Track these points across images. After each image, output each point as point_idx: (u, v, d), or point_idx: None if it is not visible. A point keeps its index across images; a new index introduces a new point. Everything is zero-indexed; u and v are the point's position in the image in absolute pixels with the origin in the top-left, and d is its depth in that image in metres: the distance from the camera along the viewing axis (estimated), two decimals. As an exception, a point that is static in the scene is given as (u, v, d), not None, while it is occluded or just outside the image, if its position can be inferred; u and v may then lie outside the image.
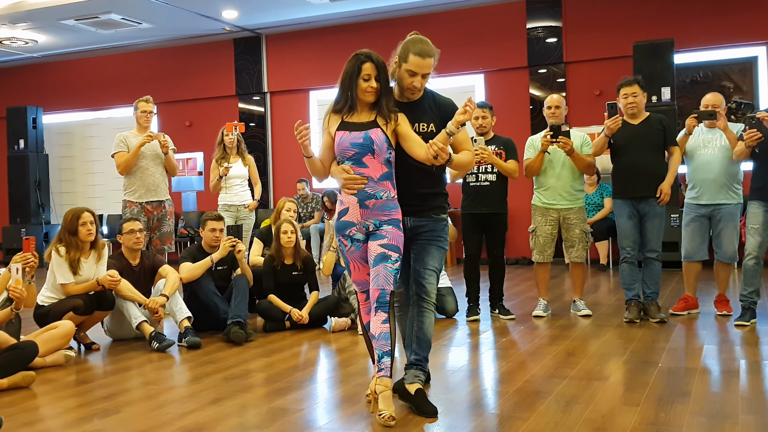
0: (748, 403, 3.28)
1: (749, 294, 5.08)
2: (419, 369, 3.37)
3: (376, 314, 3.20)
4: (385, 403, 3.13)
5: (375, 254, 3.23)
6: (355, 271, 3.37)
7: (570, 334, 4.97)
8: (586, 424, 3.04)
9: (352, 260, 3.34)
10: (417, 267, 3.41)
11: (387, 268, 3.20)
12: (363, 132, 3.23)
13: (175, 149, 6.34)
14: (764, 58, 8.81)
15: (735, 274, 7.25)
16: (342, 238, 3.31)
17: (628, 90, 5.28)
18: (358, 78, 3.22)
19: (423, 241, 3.40)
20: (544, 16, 9.70)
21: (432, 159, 3.14)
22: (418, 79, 3.30)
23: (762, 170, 5.02)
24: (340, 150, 3.26)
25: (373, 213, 3.24)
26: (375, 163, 3.23)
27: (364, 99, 3.25)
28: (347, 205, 3.27)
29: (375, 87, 3.22)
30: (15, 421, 3.34)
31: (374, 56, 3.25)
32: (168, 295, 5.04)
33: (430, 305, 3.39)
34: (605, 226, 8.56)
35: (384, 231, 3.24)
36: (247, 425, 3.20)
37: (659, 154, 5.28)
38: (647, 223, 5.26)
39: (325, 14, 10.14)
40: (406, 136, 3.27)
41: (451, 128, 3.18)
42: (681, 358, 4.20)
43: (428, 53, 3.26)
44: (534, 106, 9.68)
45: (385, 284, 3.19)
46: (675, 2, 9.09)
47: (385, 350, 3.19)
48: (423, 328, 3.37)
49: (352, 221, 3.27)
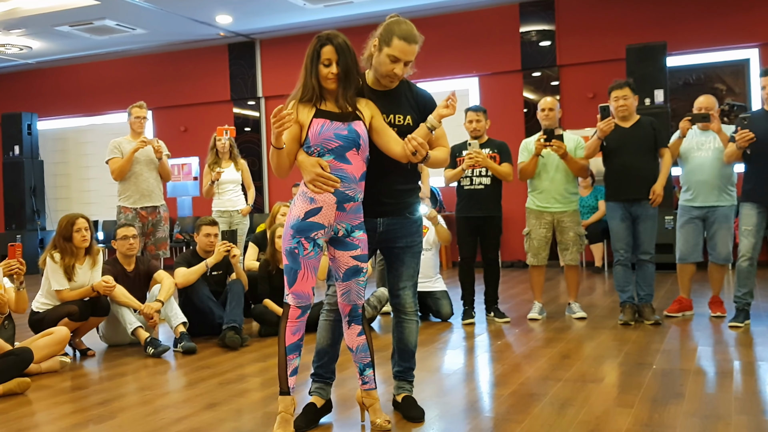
0: (741, 404, 3.29)
1: (743, 295, 5.09)
2: (403, 380, 3.33)
3: (350, 328, 3.08)
4: (376, 414, 3.09)
5: (346, 267, 2.99)
6: (303, 281, 2.92)
7: (565, 336, 4.97)
8: (581, 426, 3.04)
9: (306, 267, 2.91)
10: (391, 280, 3.21)
11: (358, 283, 3.02)
12: (346, 124, 2.91)
13: (169, 154, 6.34)
14: (756, 60, 8.85)
15: (729, 276, 7.28)
16: (304, 240, 2.89)
17: (619, 93, 5.30)
18: (318, 63, 2.93)
19: (397, 250, 3.16)
20: (538, 19, 9.73)
21: (410, 156, 2.91)
22: (400, 66, 2.98)
23: (754, 171, 5.04)
24: (321, 140, 2.89)
25: (348, 216, 2.95)
26: (358, 160, 2.93)
27: (326, 86, 2.94)
28: (321, 204, 2.88)
29: (335, 73, 2.90)
30: (10, 428, 3.33)
31: (336, 39, 2.93)
32: (163, 300, 5.03)
33: (409, 316, 3.26)
34: (600, 229, 8.58)
35: (356, 239, 2.98)
36: (243, 430, 3.20)
37: (651, 156, 5.30)
38: (640, 225, 5.28)
39: (319, 19, 10.15)
40: (379, 131, 2.99)
41: (432, 122, 2.97)
42: (675, 359, 4.21)
43: (414, 38, 2.97)
44: (528, 109, 9.71)
45: (357, 299, 3.05)
46: (667, 5, 9.13)
47: (366, 362, 3.11)
48: (403, 339, 3.28)
49: (322, 223, 2.90)
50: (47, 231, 11.80)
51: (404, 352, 3.31)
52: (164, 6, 9.35)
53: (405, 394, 3.30)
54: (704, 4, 8.99)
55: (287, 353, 3.02)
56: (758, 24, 8.75)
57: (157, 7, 9.37)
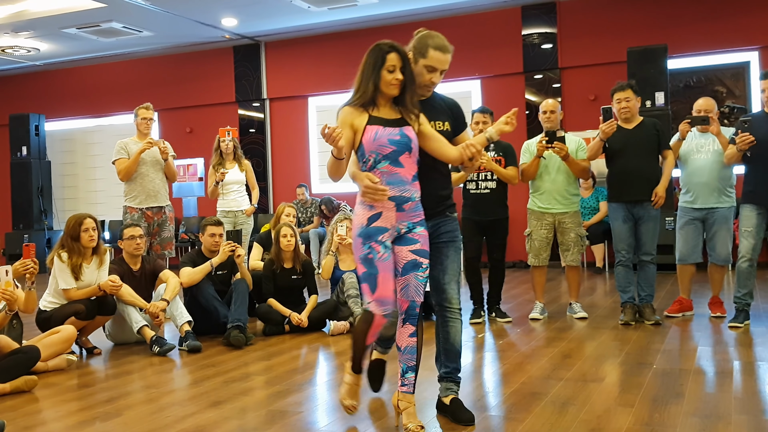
0: (741, 404, 3.29)
1: (743, 296, 5.08)
2: (451, 381, 3.25)
3: (403, 326, 3.01)
4: (410, 419, 3.00)
5: (405, 261, 2.97)
6: (383, 286, 2.90)
7: (566, 336, 4.97)
8: (582, 425, 3.04)
9: (384, 270, 2.91)
10: (436, 274, 3.15)
11: (417, 278, 2.98)
12: (398, 129, 2.96)
13: (174, 155, 6.34)
14: (756, 62, 8.83)
15: (729, 277, 7.27)
16: (374, 244, 2.91)
17: (622, 95, 5.29)
18: (382, 69, 2.93)
19: (441, 244, 3.14)
20: (540, 22, 9.73)
21: (466, 161, 2.99)
22: (437, 75, 3.10)
23: (754, 173, 5.03)
24: (376, 146, 2.92)
25: (408, 215, 2.97)
26: (410, 162, 2.97)
27: (388, 92, 2.96)
28: (380, 209, 2.92)
29: (400, 79, 2.93)
30: (17, 425, 3.33)
31: (399, 47, 2.97)
32: (168, 299, 5.04)
33: (454, 314, 3.18)
34: (601, 230, 8.57)
35: (416, 234, 2.99)
36: (247, 428, 3.20)
37: (653, 158, 5.29)
38: (642, 226, 5.27)
39: (323, 22, 10.15)
40: (432, 137, 3.05)
41: (492, 135, 3.09)
42: (675, 359, 4.21)
43: (447, 48, 3.09)
44: (530, 111, 9.70)
45: (415, 295, 2.99)
46: (668, 8, 9.12)
47: (410, 365, 3.03)
48: (449, 339, 3.19)
49: (385, 226, 2.92)
50: (54, 231, 11.82)
51: (450, 353, 3.23)
52: (170, 9, 9.36)
53: (452, 396, 3.21)
54: (705, 7, 8.98)
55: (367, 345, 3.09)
56: (758, 27, 8.74)
57: (164, 10, 9.38)
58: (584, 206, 8.80)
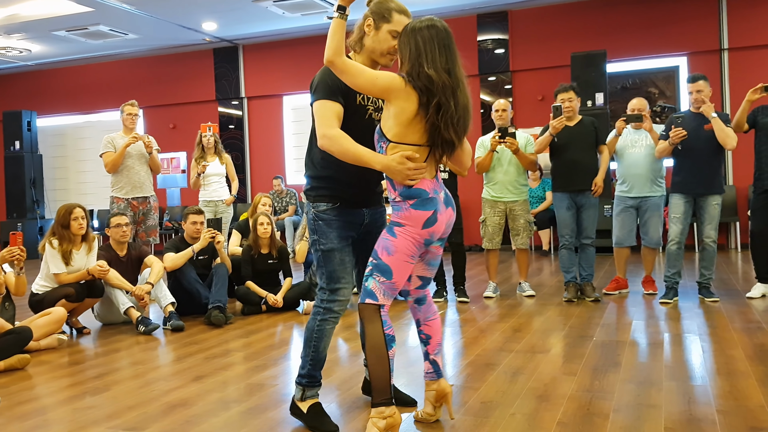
0: (670, 371, 3.34)
1: (672, 275, 5.17)
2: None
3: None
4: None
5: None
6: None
7: (516, 312, 5.01)
8: (530, 392, 3.06)
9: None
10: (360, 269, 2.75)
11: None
12: None
13: (159, 149, 6.22)
14: (685, 67, 8.97)
15: (660, 258, 7.39)
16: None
17: (565, 95, 5.33)
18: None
19: (375, 236, 2.62)
20: (493, 29, 9.74)
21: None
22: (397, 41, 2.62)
23: (682, 165, 5.12)
24: None
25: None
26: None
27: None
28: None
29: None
30: (12, 400, 3.25)
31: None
32: (153, 282, 4.95)
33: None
34: (547, 217, 8.65)
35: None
36: (227, 399, 3.16)
37: (593, 152, 5.35)
38: (583, 213, 5.32)
39: (297, 26, 10.05)
40: None
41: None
42: (613, 332, 4.26)
43: (408, 12, 2.67)
44: (484, 110, 9.73)
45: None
46: (608, 17, 9.20)
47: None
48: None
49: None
50: (46, 219, 11.57)
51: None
52: (155, 13, 9.17)
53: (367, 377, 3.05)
54: (640, 17, 9.08)
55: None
56: (687, 35, 8.87)
57: (148, 14, 9.18)
58: (532, 195, 8.87)
